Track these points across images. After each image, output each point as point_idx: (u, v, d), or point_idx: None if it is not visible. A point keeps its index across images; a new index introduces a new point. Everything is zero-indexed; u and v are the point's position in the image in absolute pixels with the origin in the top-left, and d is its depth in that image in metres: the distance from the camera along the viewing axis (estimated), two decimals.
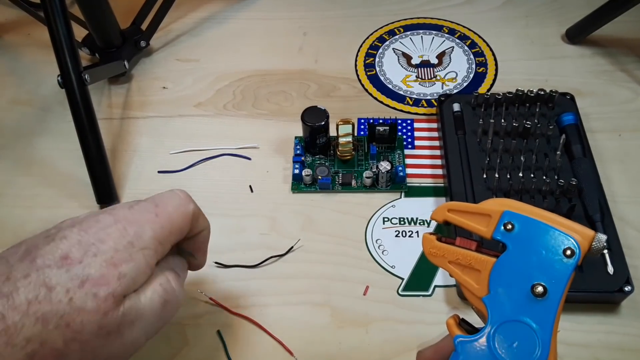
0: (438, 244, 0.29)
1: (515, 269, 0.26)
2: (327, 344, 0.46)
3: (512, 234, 0.27)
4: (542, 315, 0.26)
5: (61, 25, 0.55)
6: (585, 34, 0.69)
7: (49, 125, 0.66)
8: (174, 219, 0.31)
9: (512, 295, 0.26)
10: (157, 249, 0.30)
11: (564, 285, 0.26)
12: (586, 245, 0.26)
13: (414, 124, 0.63)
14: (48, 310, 0.25)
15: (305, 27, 0.75)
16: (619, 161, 0.58)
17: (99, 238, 0.28)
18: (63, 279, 0.26)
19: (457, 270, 0.28)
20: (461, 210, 0.28)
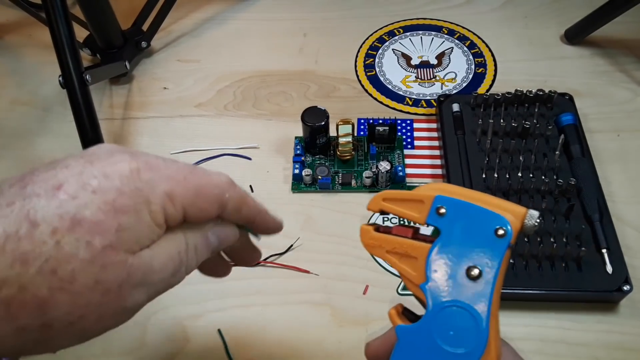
0: (375, 234, 0.29)
1: (450, 253, 0.26)
2: (327, 344, 0.47)
3: (444, 218, 0.26)
4: (479, 297, 0.26)
5: (62, 25, 0.55)
6: (584, 34, 0.69)
7: (50, 125, 0.66)
8: (202, 193, 0.25)
9: (449, 280, 0.26)
10: (169, 210, 0.24)
11: (498, 265, 0.25)
12: (518, 223, 0.26)
13: (414, 124, 0.63)
14: (29, 250, 0.20)
15: (306, 28, 0.76)
16: (618, 161, 0.58)
17: (104, 173, 0.23)
18: (50, 215, 0.21)
19: (395, 260, 0.28)
20: (396, 199, 0.28)
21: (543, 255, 0.48)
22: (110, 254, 0.22)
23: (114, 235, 0.22)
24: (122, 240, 0.22)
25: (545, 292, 0.47)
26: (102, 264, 0.22)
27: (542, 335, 0.46)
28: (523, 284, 0.47)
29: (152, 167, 0.24)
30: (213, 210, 0.26)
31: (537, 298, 0.48)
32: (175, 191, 0.24)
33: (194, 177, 0.25)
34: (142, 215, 0.23)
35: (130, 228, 0.23)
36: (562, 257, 0.48)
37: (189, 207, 0.25)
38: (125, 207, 0.22)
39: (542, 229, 0.49)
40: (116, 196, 0.22)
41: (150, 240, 0.24)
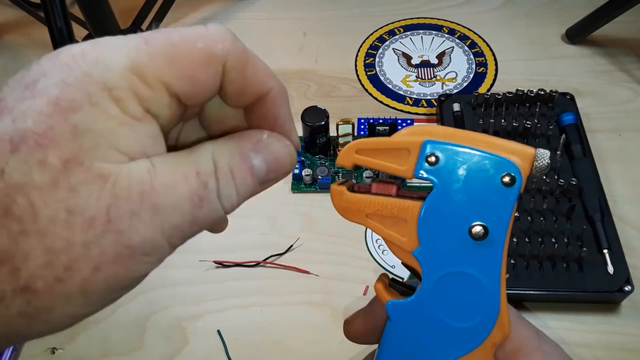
0: (350, 195, 0.23)
1: (447, 210, 0.21)
2: (327, 344, 0.46)
3: (437, 168, 0.21)
4: (485, 260, 0.21)
5: (61, 25, 0.55)
6: (585, 34, 0.69)
7: None
8: (178, 53, 0.17)
9: (448, 243, 0.21)
10: (141, 92, 0.17)
11: (508, 219, 0.21)
12: (527, 166, 0.21)
13: (414, 124, 0.63)
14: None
15: (305, 27, 0.76)
16: (619, 161, 0.58)
17: (43, 70, 0.17)
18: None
19: (379, 224, 0.23)
20: (373, 149, 0.22)
21: (544, 256, 0.48)
22: (76, 169, 0.16)
23: (73, 144, 0.16)
24: (88, 147, 0.16)
25: (547, 293, 0.46)
26: (68, 187, 0.16)
27: None
28: (524, 284, 0.47)
29: (101, 45, 0.17)
30: (209, 74, 0.18)
31: (538, 299, 0.47)
32: (140, 61, 0.17)
33: (161, 36, 0.17)
34: (104, 106, 0.16)
35: (93, 128, 0.16)
36: (563, 258, 0.47)
37: (171, 79, 0.17)
38: (75, 101, 0.16)
39: (543, 229, 0.49)
40: (59, 91, 0.16)
41: (138, 144, 0.17)
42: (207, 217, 0.18)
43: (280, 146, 0.21)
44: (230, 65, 0.18)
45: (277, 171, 0.20)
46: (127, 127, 0.17)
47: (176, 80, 0.17)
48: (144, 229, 0.17)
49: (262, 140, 0.20)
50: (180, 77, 0.17)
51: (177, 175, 0.17)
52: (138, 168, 0.17)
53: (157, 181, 0.17)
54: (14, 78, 0.17)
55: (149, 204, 0.17)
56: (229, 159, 0.19)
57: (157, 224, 0.17)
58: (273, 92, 0.20)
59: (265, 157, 0.20)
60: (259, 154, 0.20)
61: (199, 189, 0.18)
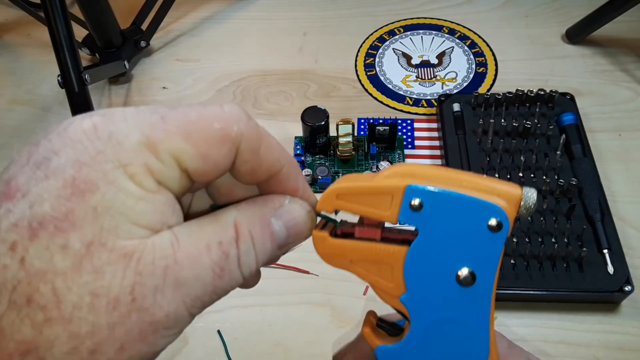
0: (333, 241, 0.22)
1: (433, 255, 0.21)
2: (327, 344, 0.46)
3: (421, 213, 0.20)
4: (473, 305, 0.21)
5: (61, 25, 0.55)
6: (586, 34, 0.69)
7: (49, 125, 0.66)
8: (194, 131, 0.17)
9: (435, 288, 0.21)
10: (154, 167, 0.17)
11: (495, 265, 0.20)
12: (514, 209, 0.20)
13: (414, 124, 0.63)
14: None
15: (305, 27, 0.75)
16: (619, 161, 0.58)
17: (53, 148, 0.16)
18: (3, 228, 0.15)
19: (364, 270, 0.22)
20: (355, 194, 0.21)
21: (544, 256, 0.48)
22: (100, 252, 0.16)
23: (94, 225, 0.16)
24: (109, 226, 0.16)
25: (547, 293, 0.46)
26: (93, 269, 0.15)
27: (543, 336, 0.46)
28: (524, 284, 0.46)
29: (113, 119, 0.17)
30: (222, 154, 0.18)
31: (538, 298, 0.47)
32: (153, 136, 0.17)
33: (177, 113, 0.17)
34: (121, 183, 0.16)
35: (112, 207, 0.16)
36: (563, 258, 0.47)
37: (182, 156, 0.17)
38: (92, 181, 0.16)
39: (543, 229, 0.49)
40: (75, 171, 0.16)
41: (159, 216, 0.17)
42: (226, 287, 0.18)
43: (301, 211, 0.21)
44: (244, 146, 0.18)
45: (296, 235, 0.21)
46: (145, 201, 0.16)
47: (189, 157, 0.17)
48: (167, 303, 0.17)
49: (284, 205, 0.20)
50: (195, 155, 0.17)
51: (200, 246, 0.17)
52: (162, 241, 0.17)
53: (180, 254, 0.17)
54: (21, 154, 0.17)
55: (172, 278, 0.17)
56: (250, 225, 0.19)
57: (179, 297, 0.17)
58: (285, 169, 0.21)
59: (286, 222, 0.20)
60: (280, 219, 0.20)
61: (221, 260, 0.18)
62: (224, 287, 0.18)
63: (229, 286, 0.18)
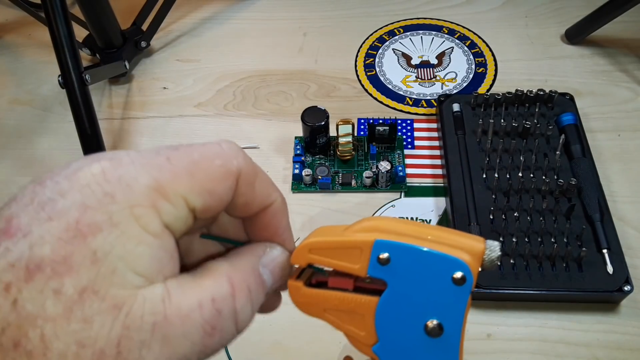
0: (307, 291, 0.23)
1: (402, 307, 0.22)
2: (327, 344, 0.47)
3: (389, 267, 0.21)
4: (442, 356, 0.22)
5: (62, 25, 0.55)
6: (585, 34, 0.69)
7: (50, 125, 0.66)
8: (199, 170, 0.18)
9: (405, 339, 0.22)
10: (163, 208, 0.17)
11: (461, 316, 0.21)
12: (477, 262, 0.21)
13: (414, 124, 0.63)
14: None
15: (305, 28, 0.76)
16: (619, 161, 0.58)
17: (60, 190, 0.16)
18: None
19: (337, 319, 0.23)
20: (326, 248, 0.22)
21: (544, 255, 0.48)
22: (91, 299, 0.15)
23: (91, 271, 0.15)
24: (105, 272, 0.16)
25: (546, 292, 0.46)
26: (82, 318, 0.15)
27: (542, 336, 0.46)
28: (523, 284, 0.47)
29: (122, 162, 0.17)
30: (225, 188, 0.19)
31: (538, 298, 0.48)
32: (162, 179, 0.17)
33: (180, 154, 0.18)
34: (125, 226, 0.16)
35: (113, 251, 0.16)
36: (562, 257, 0.48)
37: (191, 195, 0.18)
38: (96, 224, 0.16)
39: (542, 229, 0.49)
40: (79, 214, 0.16)
41: (156, 263, 0.17)
42: (215, 345, 0.18)
43: (282, 256, 0.22)
44: (242, 178, 0.19)
45: (280, 280, 0.22)
46: (146, 245, 0.16)
47: (196, 195, 0.18)
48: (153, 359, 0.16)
49: (267, 253, 0.21)
50: (201, 192, 0.18)
51: (192, 302, 0.17)
52: (153, 296, 0.16)
53: (171, 310, 0.17)
54: (24, 192, 0.17)
55: (160, 334, 0.16)
56: (246, 277, 0.19)
57: (166, 354, 0.16)
58: (276, 204, 0.22)
59: (271, 269, 0.21)
60: (266, 267, 0.21)
61: (213, 318, 0.18)
62: (214, 346, 0.18)
63: (219, 345, 0.18)
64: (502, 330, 0.47)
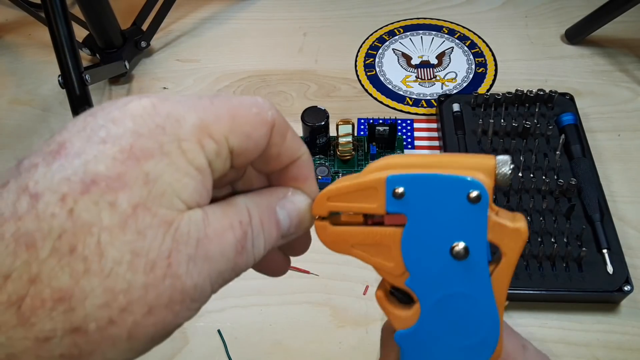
0: (334, 229, 0.24)
1: (426, 236, 0.22)
2: (327, 344, 0.47)
3: (405, 199, 0.22)
4: (473, 277, 0.22)
5: (62, 25, 0.55)
6: (585, 34, 0.69)
7: (50, 125, 0.66)
8: (239, 115, 0.19)
9: (434, 267, 0.22)
10: (207, 145, 0.18)
11: (484, 234, 0.22)
12: (490, 179, 0.21)
13: (414, 124, 0.63)
14: (34, 229, 0.15)
15: (305, 28, 0.76)
16: (619, 161, 0.58)
17: (112, 118, 0.17)
18: (55, 181, 0.16)
19: (365, 253, 0.24)
20: (343, 193, 0.23)
21: (544, 256, 0.48)
22: (144, 214, 0.16)
23: (143, 189, 0.17)
24: (156, 193, 0.17)
25: (546, 292, 0.46)
26: (136, 230, 0.16)
27: (542, 336, 0.46)
28: (524, 284, 0.47)
29: (170, 100, 0.19)
30: (261, 134, 0.20)
31: (538, 298, 0.48)
32: (207, 119, 0.18)
33: (222, 99, 0.20)
34: (174, 157, 0.17)
35: (163, 177, 0.17)
36: (562, 257, 0.48)
37: (232, 136, 0.19)
38: (148, 150, 0.17)
39: (542, 229, 0.49)
40: (133, 140, 0.17)
41: (196, 195, 0.18)
42: (242, 265, 0.20)
43: (303, 202, 0.23)
44: (275, 129, 0.21)
45: (298, 225, 0.23)
46: (190, 178, 0.18)
47: (236, 137, 0.19)
48: (197, 274, 0.18)
49: (287, 197, 0.22)
50: (240, 134, 0.19)
51: (225, 224, 0.19)
52: (195, 216, 0.18)
53: (210, 229, 0.18)
54: (75, 122, 0.18)
55: (202, 250, 0.18)
56: (259, 212, 0.21)
57: (207, 270, 0.18)
58: (304, 157, 0.23)
59: (290, 211, 0.22)
60: (284, 208, 0.22)
61: (242, 238, 0.19)
62: (241, 265, 0.19)
63: (244, 265, 0.20)
64: None
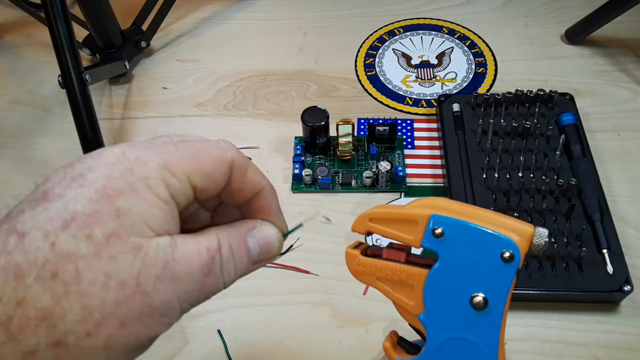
0: (363, 259, 0.25)
1: (451, 280, 0.23)
2: (327, 344, 0.47)
3: (443, 240, 0.23)
4: (485, 329, 0.23)
5: (62, 25, 0.55)
6: (585, 34, 0.69)
7: (50, 125, 0.66)
8: (200, 156, 0.22)
9: (451, 310, 0.23)
10: (171, 182, 0.21)
11: (506, 293, 0.23)
12: (526, 244, 0.23)
13: (414, 124, 0.63)
14: (22, 261, 0.18)
15: (305, 28, 0.76)
16: (619, 161, 0.58)
17: (88, 166, 0.21)
18: (39, 221, 0.19)
19: (388, 288, 0.25)
20: (385, 219, 0.25)
21: (544, 256, 0.48)
22: (116, 242, 0.19)
23: (115, 222, 0.20)
24: (127, 224, 0.20)
25: (546, 293, 0.46)
26: (109, 255, 0.19)
27: (542, 336, 0.46)
28: (524, 284, 0.47)
29: (138, 146, 0.22)
30: (221, 173, 0.23)
31: (538, 298, 0.48)
32: (170, 159, 0.21)
33: (186, 143, 0.23)
34: (142, 193, 0.20)
35: (132, 209, 0.20)
36: (562, 257, 0.48)
37: (193, 174, 0.22)
38: (119, 189, 0.20)
39: None
40: (106, 182, 0.20)
41: (164, 223, 0.21)
42: (211, 287, 0.22)
43: (271, 231, 0.25)
44: (235, 167, 0.23)
45: (267, 253, 0.25)
46: (158, 209, 0.21)
47: (197, 175, 0.22)
48: (164, 291, 0.20)
49: (256, 227, 0.25)
50: (201, 173, 0.22)
51: (193, 249, 0.21)
52: (163, 242, 0.21)
53: (177, 254, 0.21)
54: (56, 174, 0.21)
55: (170, 271, 0.20)
56: (229, 240, 0.23)
57: (174, 288, 0.21)
58: (266, 189, 0.25)
59: (259, 240, 0.24)
60: (254, 237, 0.24)
61: (208, 262, 0.22)
62: (210, 287, 0.22)
63: (214, 287, 0.22)
64: None
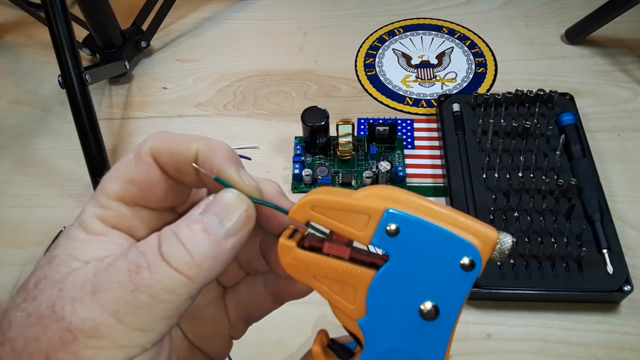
0: (300, 253, 0.21)
1: (400, 284, 0.20)
2: None
3: (396, 239, 0.20)
4: (431, 341, 0.20)
5: (62, 25, 0.55)
6: (585, 34, 0.69)
7: (50, 125, 0.66)
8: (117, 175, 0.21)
9: (396, 318, 0.20)
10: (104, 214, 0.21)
11: (460, 304, 0.20)
12: (488, 250, 0.20)
13: (414, 124, 0.63)
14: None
15: (305, 28, 0.76)
16: (619, 161, 0.58)
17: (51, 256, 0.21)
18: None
19: (326, 287, 0.21)
20: (331, 208, 0.21)
21: (544, 256, 0.48)
22: (42, 284, 0.19)
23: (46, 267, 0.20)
24: (54, 264, 0.20)
25: (546, 293, 0.46)
26: (33, 297, 0.19)
27: (542, 336, 0.46)
28: (524, 284, 0.47)
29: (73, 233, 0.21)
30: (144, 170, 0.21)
31: (538, 298, 0.48)
32: (97, 196, 0.21)
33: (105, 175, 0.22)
34: (76, 234, 0.21)
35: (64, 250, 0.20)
36: (562, 257, 0.48)
37: (121, 191, 0.21)
38: (56, 244, 0.20)
39: (542, 229, 0.49)
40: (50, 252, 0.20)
41: (100, 252, 0.20)
42: (152, 281, 0.18)
43: (227, 195, 0.21)
44: (160, 154, 0.21)
45: (230, 216, 0.20)
46: (88, 242, 0.20)
47: (128, 192, 0.21)
48: (84, 310, 0.18)
49: (208, 202, 0.21)
50: (126, 185, 0.21)
51: (120, 255, 0.19)
52: (88, 266, 0.19)
53: (99, 268, 0.19)
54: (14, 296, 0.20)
55: (89, 287, 0.18)
56: (173, 228, 0.20)
57: (97, 302, 0.18)
58: (201, 150, 0.22)
59: (215, 211, 0.20)
60: (208, 212, 0.20)
61: (137, 259, 0.19)
62: (150, 281, 0.18)
63: (156, 281, 0.18)
64: (502, 330, 0.47)
